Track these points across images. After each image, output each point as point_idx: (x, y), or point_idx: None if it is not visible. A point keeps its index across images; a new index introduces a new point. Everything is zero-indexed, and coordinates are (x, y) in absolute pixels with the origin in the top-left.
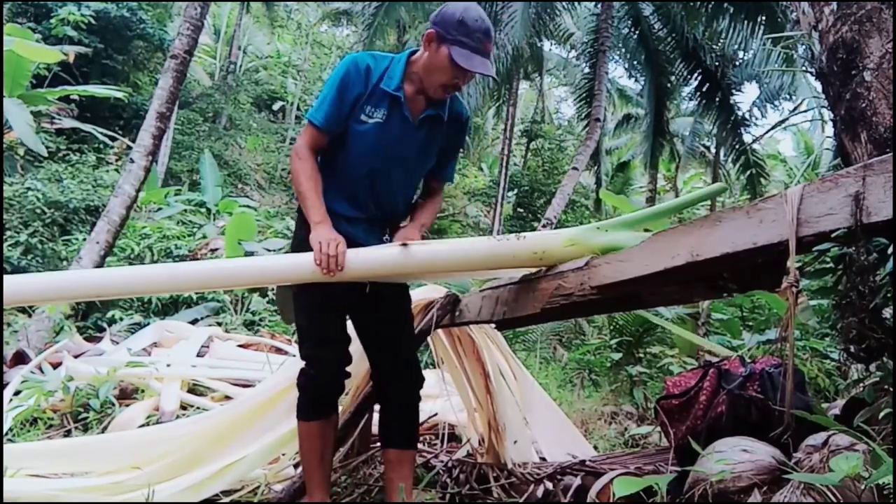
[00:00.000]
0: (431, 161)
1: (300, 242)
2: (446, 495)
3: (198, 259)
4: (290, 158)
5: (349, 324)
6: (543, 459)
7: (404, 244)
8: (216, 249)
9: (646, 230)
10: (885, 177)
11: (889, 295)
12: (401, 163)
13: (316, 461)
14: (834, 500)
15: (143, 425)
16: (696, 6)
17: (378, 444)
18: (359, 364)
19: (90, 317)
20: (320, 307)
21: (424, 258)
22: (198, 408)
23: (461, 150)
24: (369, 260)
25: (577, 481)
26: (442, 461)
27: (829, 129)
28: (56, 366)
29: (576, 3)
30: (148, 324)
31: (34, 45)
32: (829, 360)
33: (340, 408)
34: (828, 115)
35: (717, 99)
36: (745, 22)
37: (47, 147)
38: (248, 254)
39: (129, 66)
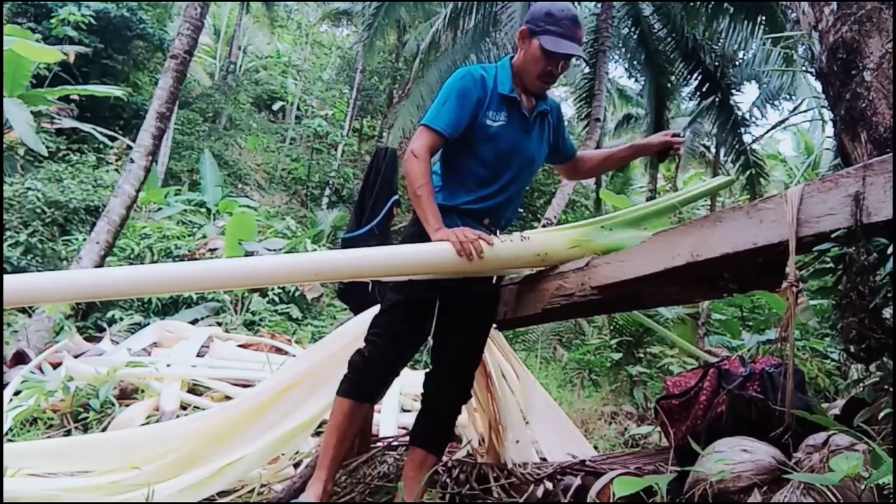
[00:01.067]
0: (544, 156)
1: (416, 237)
2: (446, 495)
3: (196, 259)
4: (406, 159)
5: None
6: (543, 459)
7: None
8: (216, 249)
9: (646, 229)
10: (885, 177)
11: (889, 295)
12: (528, 158)
13: (336, 439)
14: (834, 500)
15: (143, 425)
16: (696, 6)
17: (378, 444)
18: None
19: (90, 317)
20: (409, 308)
21: (428, 259)
22: (198, 408)
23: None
24: (368, 259)
25: (577, 481)
26: (442, 461)
27: (829, 129)
28: (56, 366)
29: (576, 3)
30: (148, 324)
31: (34, 45)
32: (829, 360)
33: None
34: (828, 115)
35: (717, 99)
36: (745, 22)
37: (47, 147)
38: (248, 254)
39: (129, 66)
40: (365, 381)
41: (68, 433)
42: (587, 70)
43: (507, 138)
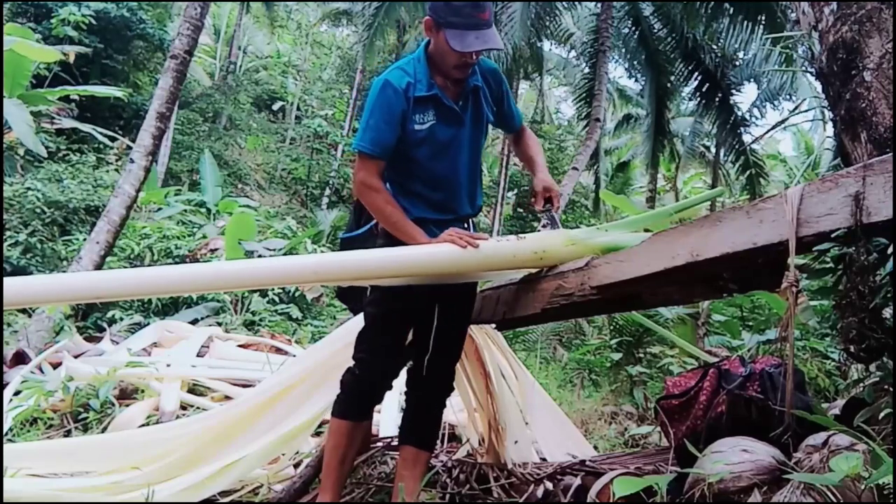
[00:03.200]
0: (485, 133)
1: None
2: (446, 495)
3: (197, 259)
4: (359, 193)
5: None
6: (543, 459)
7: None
8: (216, 249)
9: (646, 230)
10: (885, 177)
11: (889, 295)
12: (463, 149)
13: (336, 460)
14: (834, 500)
15: (143, 425)
16: (696, 6)
17: (378, 444)
18: None
19: (90, 317)
20: (389, 320)
21: (426, 259)
22: (198, 408)
23: (510, 95)
24: (366, 261)
25: (577, 481)
26: (442, 461)
27: (829, 129)
28: (56, 366)
29: (576, 3)
30: (148, 324)
31: (34, 45)
32: (829, 360)
33: None
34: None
35: (717, 99)
36: (745, 22)
37: (47, 147)
38: (248, 254)
39: (129, 66)
40: (359, 399)
41: (68, 433)
42: (587, 70)
43: (439, 136)
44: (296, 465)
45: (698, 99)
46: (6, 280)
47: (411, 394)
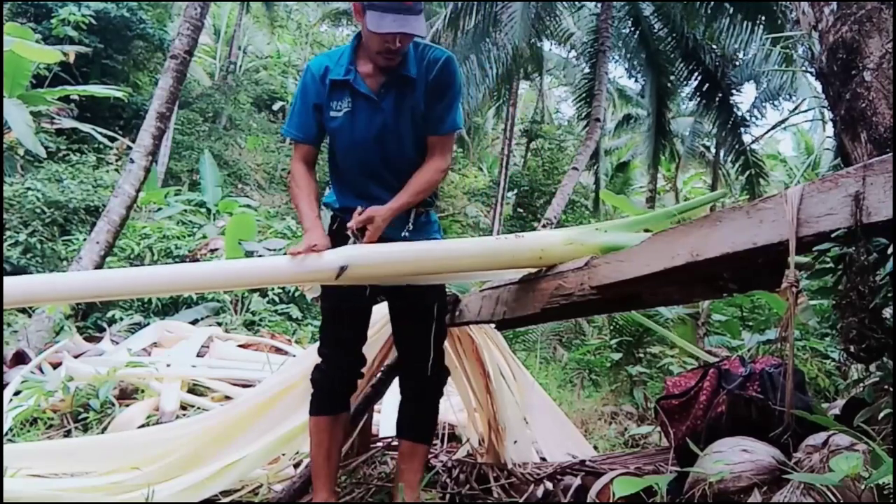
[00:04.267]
0: (412, 123)
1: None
2: (446, 495)
3: (198, 259)
4: None
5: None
6: (543, 459)
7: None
8: (216, 249)
9: (645, 230)
10: (885, 177)
11: (889, 295)
12: (384, 139)
13: (322, 457)
14: (834, 500)
15: (143, 425)
16: (696, 6)
17: (378, 444)
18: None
19: (90, 317)
20: (337, 310)
21: (424, 259)
22: (198, 408)
23: (456, 95)
24: (365, 258)
25: (577, 481)
26: (442, 461)
27: (829, 129)
28: (56, 366)
29: (576, 3)
30: (148, 324)
31: (34, 45)
32: (829, 360)
33: None
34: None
35: (717, 99)
36: (745, 22)
37: (47, 147)
38: (249, 254)
39: (129, 66)
40: (330, 394)
41: (68, 433)
42: (587, 70)
43: (354, 124)
44: (296, 465)
45: (698, 99)
46: (6, 279)
47: (402, 387)
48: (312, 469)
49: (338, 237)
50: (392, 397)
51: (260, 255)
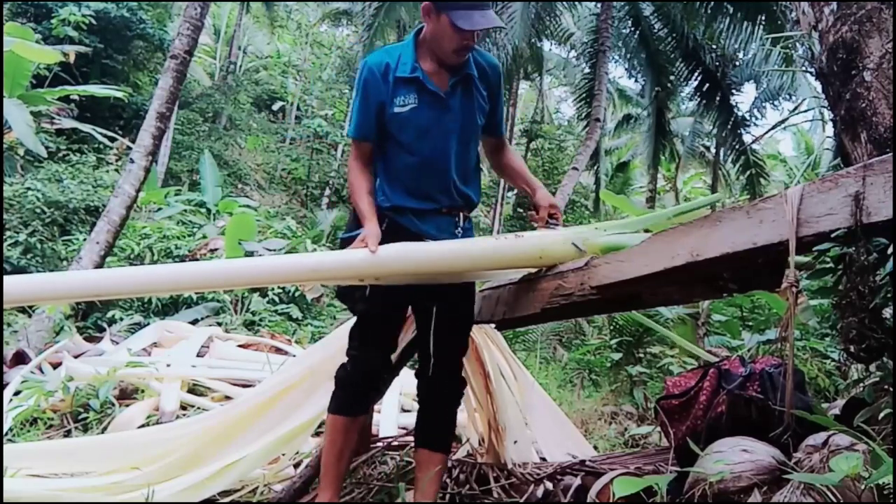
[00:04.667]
0: (477, 123)
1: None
2: (446, 495)
3: (197, 259)
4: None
5: None
6: (543, 459)
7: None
8: (216, 249)
9: (645, 231)
10: (885, 177)
11: (889, 295)
12: (449, 136)
13: (334, 457)
14: (834, 500)
15: (143, 425)
16: (696, 6)
17: (378, 444)
18: None
19: (90, 317)
20: (373, 314)
21: (424, 258)
22: (198, 408)
23: (502, 101)
24: (365, 260)
25: (577, 481)
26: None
27: (829, 129)
28: (56, 366)
29: (576, 3)
30: (148, 324)
31: (33, 46)
32: (829, 360)
33: None
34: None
35: (717, 99)
36: (745, 22)
37: (47, 147)
38: (248, 254)
39: (129, 66)
40: (353, 395)
41: (68, 433)
42: (587, 70)
43: (421, 119)
44: (296, 465)
45: (698, 99)
46: (6, 278)
47: (420, 396)
48: (322, 466)
49: (386, 237)
50: (392, 398)
51: (260, 256)
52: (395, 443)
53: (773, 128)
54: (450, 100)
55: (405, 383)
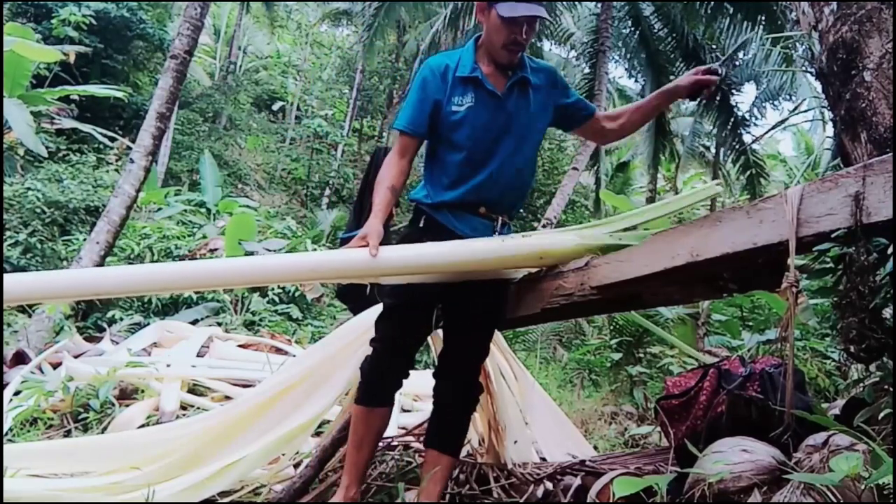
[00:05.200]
0: (534, 127)
1: (413, 237)
2: (446, 495)
3: (197, 259)
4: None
5: None
6: (543, 459)
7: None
8: (216, 249)
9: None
10: (885, 177)
11: (889, 295)
12: (502, 136)
13: (353, 445)
14: (834, 500)
15: (143, 425)
16: (696, 6)
17: (378, 444)
18: None
19: (90, 317)
20: (398, 307)
21: (426, 258)
22: (198, 408)
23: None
24: (365, 259)
25: (577, 481)
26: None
27: (829, 129)
28: (56, 366)
29: (576, 3)
30: (148, 324)
31: (34, 45)
32: (829, 360)
33: (340, 407)
34: (828, 115)
35: (717, 99)
36: (745, 22)
37: (47, 147)
38: (248, 254)
39: (129, 66)
40: (372, 386)
41: (68, 433)
42: (587, 70)
43: (477, 118)
44: (296, 465)
45: (698, 99)
46: (7, 277)
47: (435, 397)
48: (346, 454)
49: (423, 234)
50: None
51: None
52: (395, 443)
53: (773, 128)
54: (506, 101)
55: (405, 383)
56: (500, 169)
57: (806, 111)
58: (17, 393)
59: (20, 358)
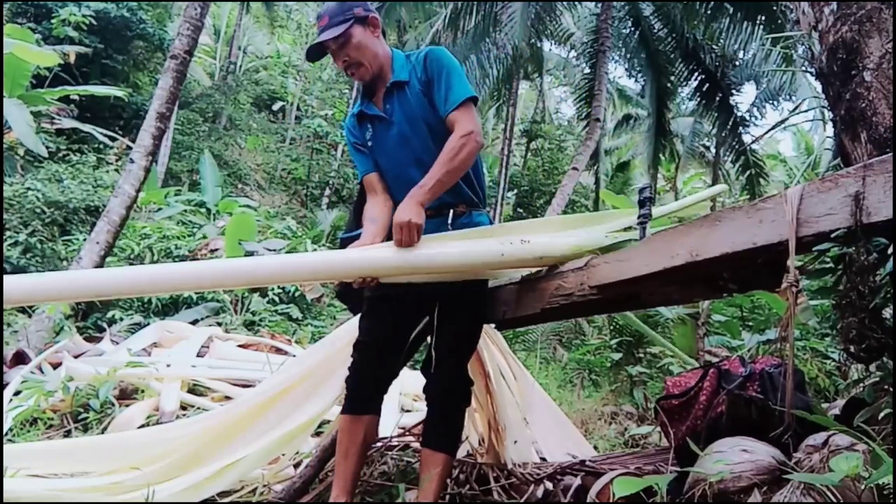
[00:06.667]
0: (428, 121)
1: None
2: (446, 495)
3: (197, 259)
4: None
5: None
6: (543, 459)
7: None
8: (216, 249)
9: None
10: (885, 177)
11: (889, 295)
12: (403, 145)
13: (340, 455)
14: (834, 500)
15: (142, 425)
16: (696, 6)
17: (378, 444)
18: None
19: (90, 317)
20: (378, 309)
21: (426, 258)
22: (198, 408)
23: (450, 73)
24: (365, 259)
25: (577, 481)
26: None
27: (829, 129)
28: (56, 366)
29: (576, 3)
30: (148, 324)
31: (33, 48)
32: (829, 360)
33: (339, 408)
34: (828, 115)
35: (717, 99)
36: (745, 22)
37: (47, 147)
38: (248, 254)
39: (129, 66)
40: (353, 392)
41: (68, 433)
42: (587, 70)
43: (379, 145)
44: (296, 465)
45: (698, 99)
46: (6, 278)
47: (426, 396)
48: (335, 465)
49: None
50: (392, 398)
51: (260, 256)
52: (395, 443)
53: (773, 128)
54: (391, 115)
55: (405, 383)
56: (414, 174)
57: (806, 111)
58: (17, 393)
59: (20, 358)
